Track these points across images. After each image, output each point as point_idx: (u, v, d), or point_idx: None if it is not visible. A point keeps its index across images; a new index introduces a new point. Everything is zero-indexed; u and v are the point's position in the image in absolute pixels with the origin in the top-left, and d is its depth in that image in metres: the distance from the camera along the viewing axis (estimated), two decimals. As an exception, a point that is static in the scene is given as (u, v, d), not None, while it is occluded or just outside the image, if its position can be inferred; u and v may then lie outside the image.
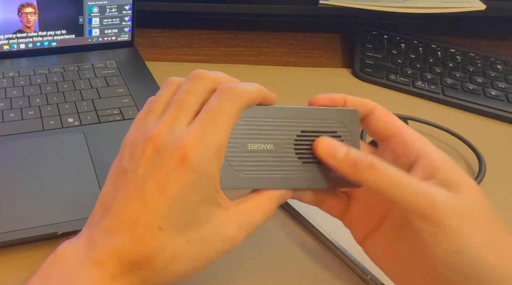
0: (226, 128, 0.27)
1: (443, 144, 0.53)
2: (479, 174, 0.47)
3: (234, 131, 0.29)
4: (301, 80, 0.65)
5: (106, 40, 0.65)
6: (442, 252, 0.26)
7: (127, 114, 0.52)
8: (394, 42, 0.71)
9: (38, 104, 0.53)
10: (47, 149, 0.47)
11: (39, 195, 0.41)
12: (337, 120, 0.31)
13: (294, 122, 0.31)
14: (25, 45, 0.63)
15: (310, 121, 0.31)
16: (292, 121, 0.31)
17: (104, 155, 0.46)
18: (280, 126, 0.30)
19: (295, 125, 0.31)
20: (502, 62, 0.67)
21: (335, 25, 0.79)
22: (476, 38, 0.77)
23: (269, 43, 0.75)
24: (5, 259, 0.38)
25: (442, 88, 0.62)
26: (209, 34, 0.77)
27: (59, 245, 0.29)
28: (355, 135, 0.32)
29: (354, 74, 0.66)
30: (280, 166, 0.30)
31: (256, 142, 0.30)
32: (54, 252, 0.28)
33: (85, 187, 0.42)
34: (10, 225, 0.38)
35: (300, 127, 0.31)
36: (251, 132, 0.29)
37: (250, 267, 0.38)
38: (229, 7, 0.73)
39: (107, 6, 0.63)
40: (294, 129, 0.31)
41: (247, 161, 0.29)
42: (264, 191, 0.30)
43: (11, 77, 0.58)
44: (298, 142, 0.31)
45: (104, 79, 0.59)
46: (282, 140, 0.30)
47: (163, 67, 0.66)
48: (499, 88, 0.62)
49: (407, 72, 0.65)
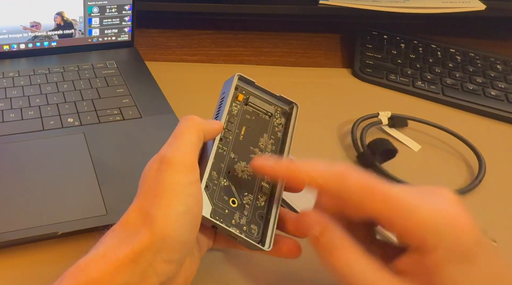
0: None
1: (443, 144, 0.53)
2: (479, 174, 0.47)
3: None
4: (301, 80, 0.65)
5: (106, 40, 0.65)
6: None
7: (127, 114, 0.52)
8: (394, 42, 0.71)
9: (38, 104, 0.53)
10: (47, 149, 0.47)
11: (39, 195, 0.41)
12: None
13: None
14: (25, 45, 0.63)
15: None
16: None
17: (104, 155, 0.46)
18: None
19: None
20: (502, 62, 0.67)
21: (335, 25, 0.79)
22: (476, 38, 0.77)
23: (269, 43, 0.75)
24: (5, 259, 0.38)
25: (442, 88, 0.62)
26: (209, 34, 0.77)
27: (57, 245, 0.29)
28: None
29: (354, 74, 0.66)
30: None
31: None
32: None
33: (85, 187, 0.42)
34: (10, 225, 0.38)
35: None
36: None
37: (245, 271, 0.38)
38: (229, 7, 0.73)
39: (107, 6, 0.63)
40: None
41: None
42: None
43: (11, 77, 0.58)
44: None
45: (104, 79, 0.59)
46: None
47: (163, 67, 0.66)
48: (499, 88, 0.62)
49: (407, 72, 0.65)
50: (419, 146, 0.53)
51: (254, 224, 0.32)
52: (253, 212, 0.33)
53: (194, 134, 0.31)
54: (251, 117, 0.35)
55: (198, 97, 0.59)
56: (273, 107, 0.36)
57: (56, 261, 0.38)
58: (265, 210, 0.33)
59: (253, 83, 0.36)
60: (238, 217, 0.32)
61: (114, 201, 0.41)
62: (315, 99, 0.60)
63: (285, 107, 0.37)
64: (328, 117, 0.57)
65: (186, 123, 0.32)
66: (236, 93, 0.34)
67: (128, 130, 0.50)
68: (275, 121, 0.36)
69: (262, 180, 0.34)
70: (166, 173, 0.29)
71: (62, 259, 0.38)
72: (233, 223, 0.32)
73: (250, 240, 0.31)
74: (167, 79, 0.61)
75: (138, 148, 0.47)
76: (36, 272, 0.37)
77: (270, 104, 0.36)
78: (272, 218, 0.33)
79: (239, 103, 0.34)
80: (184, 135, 0.31)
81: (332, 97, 0.61)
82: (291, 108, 0.37)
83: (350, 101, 0.60)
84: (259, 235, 0.32)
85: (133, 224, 0.29)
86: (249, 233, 0.32)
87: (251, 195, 0.33)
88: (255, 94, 0.36)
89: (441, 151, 0.52)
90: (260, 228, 0.32)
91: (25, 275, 0.37)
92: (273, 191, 0.34)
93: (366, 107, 0.57)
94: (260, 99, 0.36)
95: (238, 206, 0.32)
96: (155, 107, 0.54)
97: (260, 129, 0.35)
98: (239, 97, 0.34)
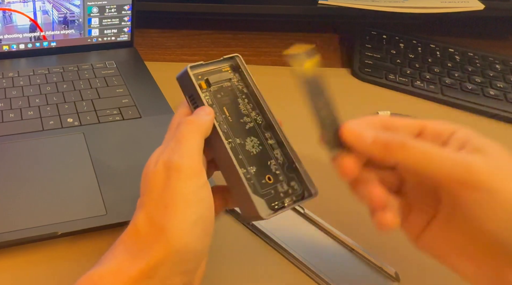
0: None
1: (442, 144, 0.53)
2: (478, 173, 0.47)
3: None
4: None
5: (105, 40, 0.65)
6: (494, 218, 0.26)
7: (126, 114, 0.52)
8: (393, 42, 0.72)
9: (38, 104, 0.53)
10: (47, 149, 0.47)
11: (39, 195, 0.41)
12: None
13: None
14: (24, 45, 0.63)
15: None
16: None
17: (104, 155, 0.46)
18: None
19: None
20: (500, 62, 0.67)
21: (334, 25, 0.79)
22: (475, 38, 0.78)
23: (268, 43, 0.75)
24: (5, 259, 0.38)
25: (441, 87, 0.62)
26: (209, 34, 0.77)
27: (57, 245, 0.29)
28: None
29: (353, 74, 0.66)
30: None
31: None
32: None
33: (84, 187, 0.42)
34: (10, 225, 0.38)
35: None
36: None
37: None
38: (229, 7, 0.73)
39: (107, 6, 0.63)
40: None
41: None
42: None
43: (11, 77, 0.58)
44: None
45: (104, 79, 0.59)
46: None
47: (163, 67, 0.66)
48: (498, 87, 0.62)
49: (406, 72, 0.65)
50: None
51: (292, 181, 0.33)
52: (284, 172, 0.33)
53: (198, 138, 0.31)
54: (220, 94, 0.35)
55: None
56: (226, 72, 0.36)
57: (56, 261, 0.38)
58: (286, 160, 0.33)
59: (201, 64, 0.35)
60: (280, 187, 0.32)
61: (114, 201, 0.41)
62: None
63: (232, 63, 0.36)
64: (328, 117, 0.57)
65: (187, 128, 0.31)
66: (199, 83, 0.34)
67: (128, 130, 0.50)
68: (234, 81, 0.36)
69: (266, 139, 0.34)
70: (176, 181, 0.29)
71: (62, 259, 0.38)
72: (284, 198, 0.32)
73: (302, 201, 0.32)
74: (166, 79, 0.61)
75: (138, 148, 0.47)
76: (36, 272, 0.37)
77: (222, 71, 0.36)
78: (297, 163, 0.33)
79: (206, 90, 0.34)
80: (188, 140, 0.30)
81: (332, 97, 0.61)
82: (235, 61, 0.36)
83: (349, 101, 0.60)
84: (301, 188, 0.33)
85: (144, 237, 0.29)
86: (296, 194, 0.32)
87: (271, 159, 0.33)
88: (208, 71, 0.35)
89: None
90: (297, 180, 0.33)
91: (25, 275, 0.37)
92: (278, 139, 0.34)
93: (365, 106, 0.57)
94: (214, 73, 0.35)
95: (274, 179, 0.32)
96: (154, 107, 0.54)
97: (233, 99, 0.35)
98: (202, 85, 0.34)
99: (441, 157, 0.27)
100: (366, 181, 0.31)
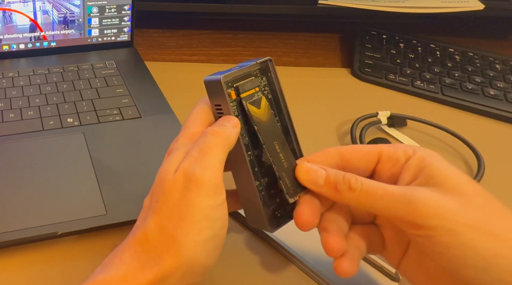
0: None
1: (442, 144, 0.53)
2: (478, 173, 0.47)
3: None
4: (300, 80, 0.65)
5: (105, 40, 0.65)
6: (443, 254, 0.25)
7: (126, 114, 0.52)
8: (393, 42, 0.72)
9: (38, 104, 0.53)
10: (47, 149, 0.47)
11: (39, 195, 0.41)
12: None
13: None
14: (24, 45, 0.63)
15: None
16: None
17: (104, 155, 0.46)
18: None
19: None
20: (500, 62, 0.67)
21: (334, 25, 0.79)
22: (475, 38, 0.78)
23: (268, 43, 0.75)
24: (5, 259, 0.38)
25: (441, 87, 0.62)
26: (209, 34, 0.77)
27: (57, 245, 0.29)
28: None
29: (353, 74, 0.66)
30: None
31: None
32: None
33: (85, 187, 0.42)
34: (10, 225, 0.38)
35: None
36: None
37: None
38: (229, 7, 0.73)
39: (107, 6, 0.63)
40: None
41: None
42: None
43: (11, 77, 0.58)
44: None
45: (104, 79, 0.59)
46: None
47: (163, 67, 0.66)
48: (498, 87, 0.62)
49: (406, 71, 0.65)
50: (418, 146, 0.53)
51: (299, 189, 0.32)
52: (290, 173, 0.32)
53: (223, 152, 0.29)
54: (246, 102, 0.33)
55: (198, 97, 0.58)
56: (255, 77, 0.34)
57: (56, 261, 0.38)
58: (287, 159, 0.32)
59: (233, 71, 0.33)
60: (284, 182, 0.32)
61: (114, 201, 0.41)
62: (314, 98, 0.61)
63: (262, 66, 0.34)
64: (327, 117, 0.57)
65: (214, 140, 0.29)
66: (228, 92, 0.32)
67: (128, 130, 0.50)
68: (261, 86, 0.34)
69: (274, 143, 0.32)
70: (195, 194, 0.28)
71: (62, 259, 0.38)
72: (288, 206, 0.32)
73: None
74: (166, 79, 0.61)
75: (138, 148, 0.47)
76: (36, 272, 0.37)
77: (252, 76, 0.34)
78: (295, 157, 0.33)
79: (235, 100, 0.32)
80: (213, 152, 0.29)
81: (331, 97, 0.61)
82: (266, 65, 0.34)
83: (349, 101, 0.60)
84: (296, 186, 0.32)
85: (155, 246, 0.28)
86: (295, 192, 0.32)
87: (279, 164, 0.32)
88: (238, 77, 0.33)
89: (440, 150, 0.52)
90: (302, 188, 0.32)
91: (25, 275, 0.37)
92: (292, 147, 0.33)
93: (365, 106, 0.57)
94: (243, 78, 0.33)
95: (282, 182, 0.32)
96: (154, 107, 0.54)
97: (257, 106, 0.33)
98: (231, 95, 0.32)
99: (383, 196, 0.27)
100: (323, 229, 0.30)
